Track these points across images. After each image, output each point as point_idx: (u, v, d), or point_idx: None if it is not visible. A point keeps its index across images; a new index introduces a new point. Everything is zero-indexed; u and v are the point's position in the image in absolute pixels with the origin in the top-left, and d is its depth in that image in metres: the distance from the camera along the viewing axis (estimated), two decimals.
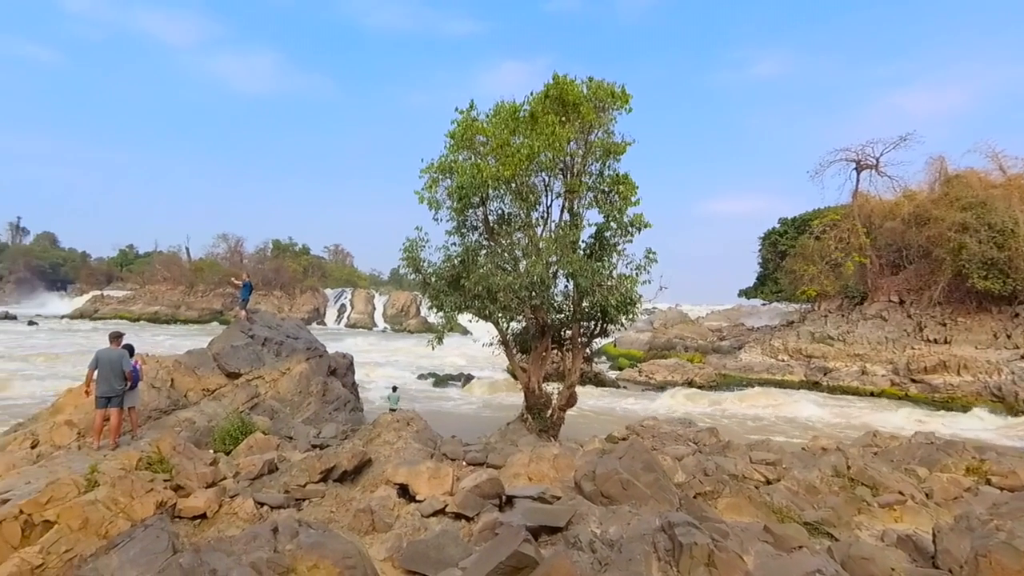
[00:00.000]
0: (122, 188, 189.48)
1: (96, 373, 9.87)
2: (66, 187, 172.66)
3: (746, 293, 54.02)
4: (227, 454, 9.75)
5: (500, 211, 15.15)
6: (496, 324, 14.97)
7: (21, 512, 6.75)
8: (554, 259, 13.98)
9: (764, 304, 52.28)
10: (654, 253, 14.49)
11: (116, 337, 10.50)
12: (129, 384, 10.12)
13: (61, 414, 12.57)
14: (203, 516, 6.63)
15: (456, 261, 14.52)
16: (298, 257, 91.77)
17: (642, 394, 28.79)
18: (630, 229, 14.37)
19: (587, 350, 16.12)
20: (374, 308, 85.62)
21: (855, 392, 28.96)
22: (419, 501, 6.72)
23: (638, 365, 35.37)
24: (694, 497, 7.32)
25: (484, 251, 15.06)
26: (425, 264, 14.75)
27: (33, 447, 11.24)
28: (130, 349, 10.44)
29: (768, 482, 8.97)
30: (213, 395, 13.70)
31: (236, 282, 17.70)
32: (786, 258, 42.53)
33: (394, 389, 18.38)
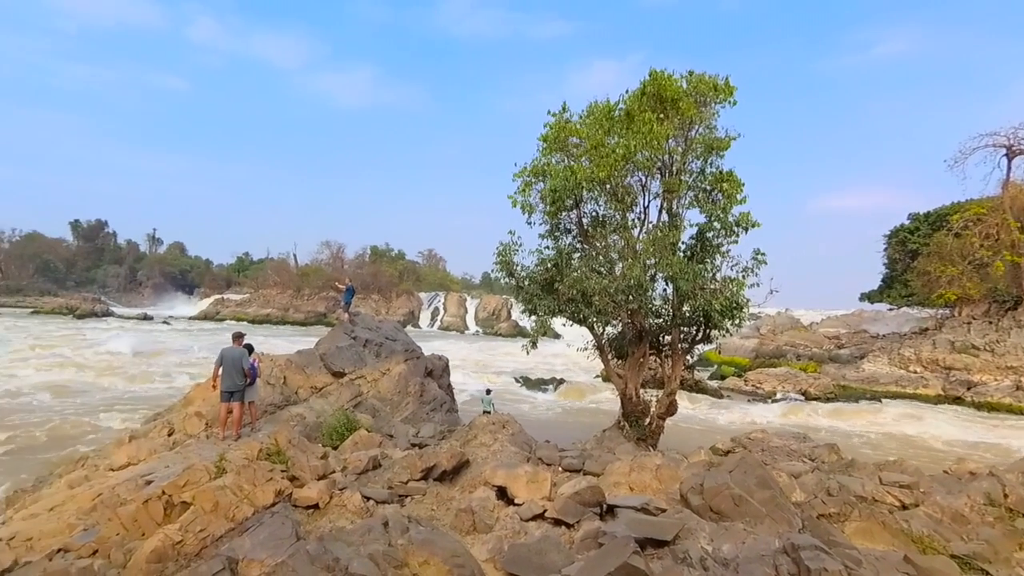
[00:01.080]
0: (239, 200, 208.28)
1: (220, 370, 10.93)
2: (192, 201, 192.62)
3: (869, 297, 49.80)
4: (334, 449, 10.42)
5: (595, 213, 15.04)
6: (591, 328, 14.86)
7: (164, 493, 7.62)
8: (652, 262, 13.66)
9: (891, 309, 47.86)
10: (763, 254, 13.77)
11: (238, 337, 11.56)
12: (249, 380, 11.12)
13: (191, 406, 14.01)
14: (315, 506, 7.13)
15: (549, 265, 14.57)
16: (394, 262, 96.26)
17: (748, 404, 27.37)
18: (735, 229, 13.75)
19: (688, 356, 15.59)
20: (466, 311, 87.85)
21: (1008, 409, 25.78)
22: (517, 504, 6.82)
23: (743, 374, 33.67)
24: (817, 518, 6.86)
25: (578, 254, 15.00)
26: (518, 268, 14.93)
27: (169, 435, 12.63)
28: (249, 348, 11.46)
29: (904, 507, 8.21)
30: (320, 393, 14.69)
31: (340, 286, 18.84)
32: (918, 258, 38.69)
33: (488, 392, 18.74)
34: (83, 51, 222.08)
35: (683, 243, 14.39)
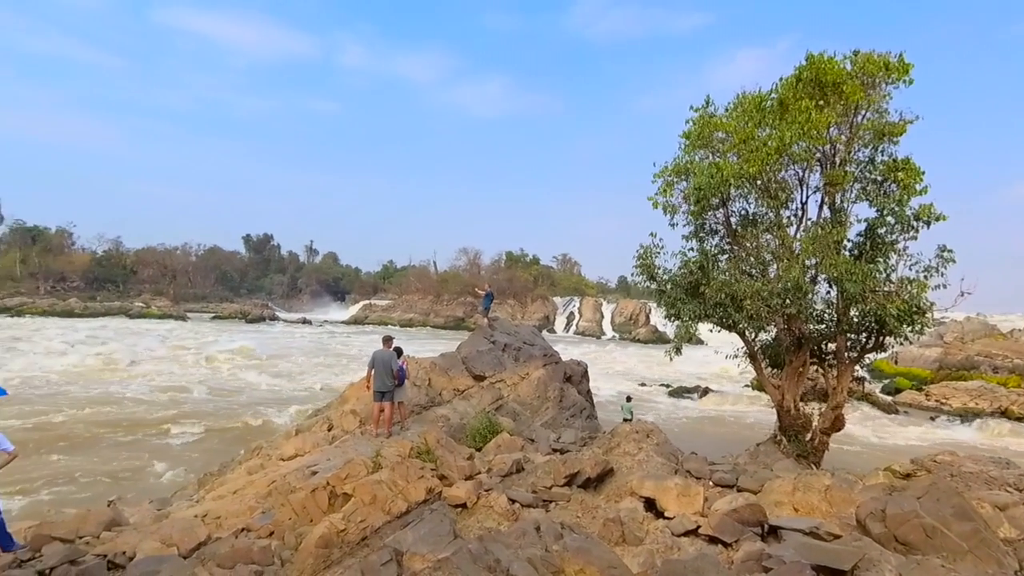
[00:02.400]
0: (384, 211, 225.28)
1: (373, 372, 11.84)
2: (343, 213, 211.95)
3: None
4: (478, 450, 10.83)
5: (744, 212, 14.19)
6: (741, 335, 13.99)
7: (328, 484, 8.42)
8: (812, 262, 12.56)
9: None
10: (950, 251, 12.08)
11: (387, 340, 12.44)
12: (398, 382, 11.93)
13: (347, 404, 15.33)
14: (463, 505, 7.45)
15: (694, 267, 13.96)
16: (529, 267, 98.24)
17: (932, 422, 24.13)
18: (914, 223, 12.20)
19: (856, 367, 14.10)
20: (602, 316, 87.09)
21: None
22: (668, 518, 6.60)
23: (924, 387, 29.75)
24: None
25: (726, 256, 14.24)
26: (660, 271, 14.48)
27: (329, 430, 13.92)
28: (399, 351, 12.29)
29: None
30: (463, 395, 15.35)
31: (479, 291, 19.58)
32: None
33: (628, 399, 18.44)
34: (251, 84, 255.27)
35: (849, 241, 13.09)
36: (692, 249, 14.31)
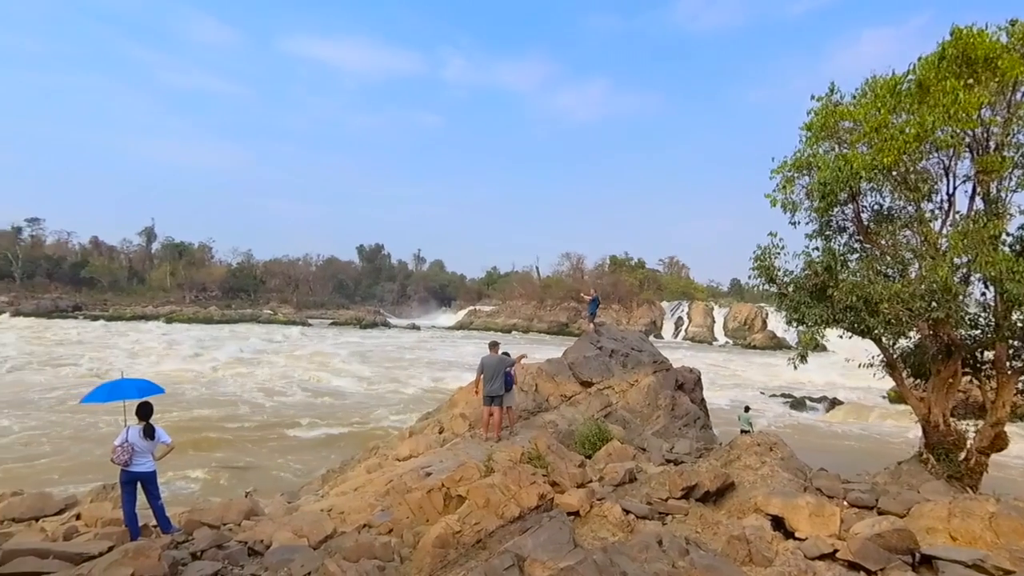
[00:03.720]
0: (487, 218, 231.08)
1: (482, 376, 12.12)
2: (448, 221, 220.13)
3: None
4: (588, 458, 10.73)
5: (877, 206, 12.99)
6: (877, 342, 12.80)
7: (443, 485, 8.70)
8: (963, 260, 11.25)
9: None
10: None
11: (494, 345, 12.69)
12: (506, 387, 12.14)
13: (456, 408, 15.79)
14: (576, 513, 7.40)
15: (819, 268, 12.96)
16: (634, 271, 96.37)
17: None
18: None
19: (1021, 378, 12.44)
20: (713, 321, 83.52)
21: None
22: (799, 539, 6.16)
23: None
24: None
25: (856, 255, 13.11)
26: (780, 273, 13.60)
27: (440, 432, 14.41)
28: (507, 356, 12.50)
29: None
30: (570, 401, 15.31)
31: (585, 297, 19.48)
32: None
33: (746, 409, 17.54)
34: (362, 103, 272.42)
35: (1008, 235, 11.59)
36: (816, 249, 13.30)
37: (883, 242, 12.63)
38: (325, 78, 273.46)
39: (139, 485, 7.71)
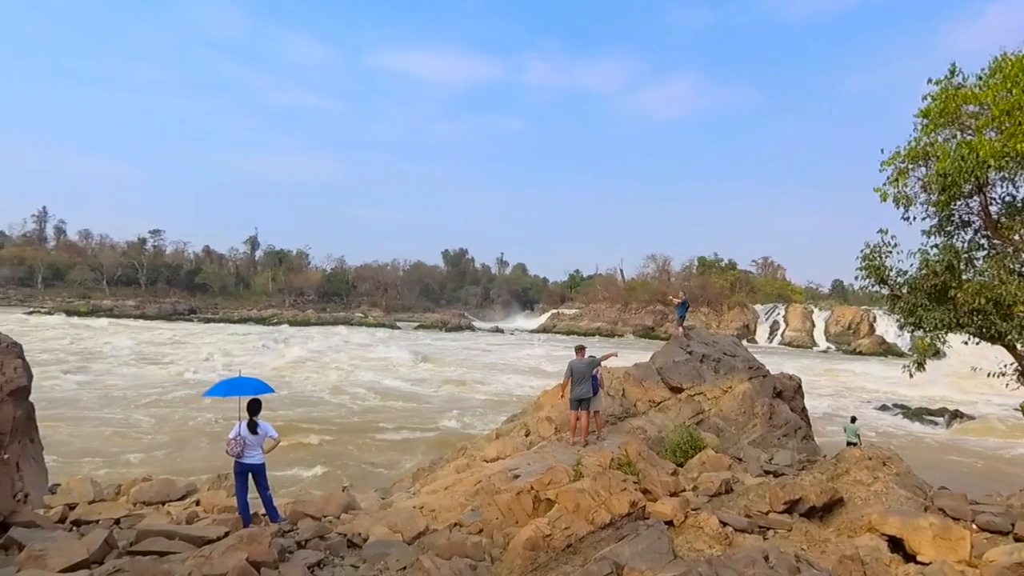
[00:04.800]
0: (569, 221, 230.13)
1: (570, 380, 12.07)
2: (530, 225, 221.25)
3: None
4: (679, 466, 10.43)
5: (1008, 198, 11.78)
6: (1010, 348, 11.60)
7: (532, 488, 8.76)
8: None
9: None
10: None
11: (581, 349, 12.61)
12: (593, 391, 12.02)
13: (542, 411, 15.81)
14: (669, 523, 7.21)
15: (939, 268, 11.91)
16: (724, 273, 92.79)
17: None
18: None
19: None
20: (813, 325, 78.85)
21: None
22: (921, 563, 5.67)
23: None
24: None
25: (984, 252, 11.94)
26: (892, 273, 12.63)
27: (526, 435, 14.48)
28: (594, 360, 12.38)
29: None
30: (659, 407, 14.94)
31: (674, 300, 18.96)
32: None
33: (853, 420, 16.41)
34: (445, 111, 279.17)
35: None
36: (935, 246, 12.24)
37: (1016, 237, 11.45)
38: (411, 89, 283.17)
39: (250, 476, 8.29)
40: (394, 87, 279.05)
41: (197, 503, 9.97)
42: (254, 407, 8.35)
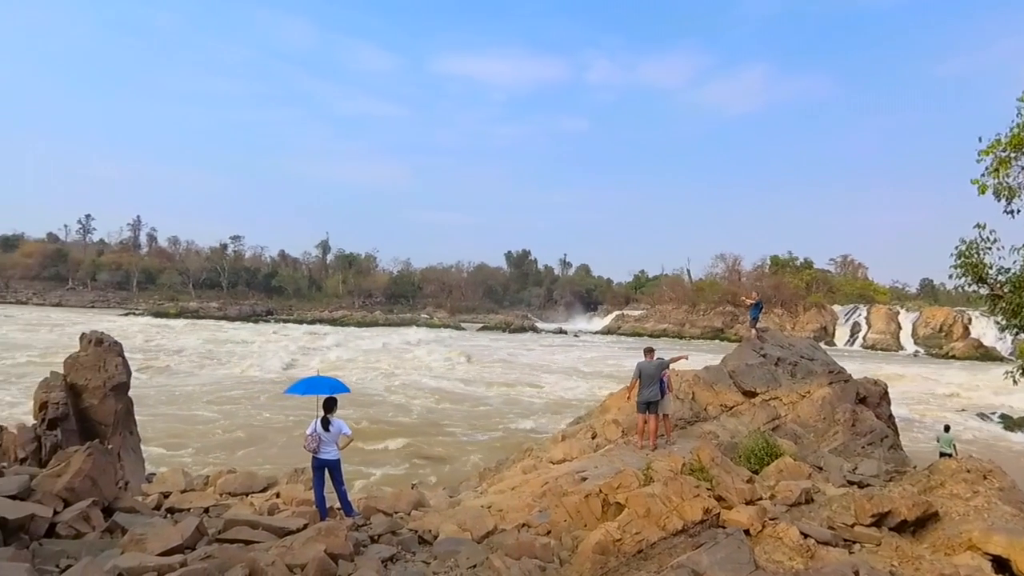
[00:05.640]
0: (634, 221, 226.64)
1: (638, 382, 11.86)
2: (594, 226, 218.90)
3: None
4: (755, 473, 10.04)
5: None
6: None
7: (600, 492, 8.67)
8: None
9: None
10: None
11: (649, 351, 12.36)
12: (661, 394, 11.76)
13: (608, 413, 15.62)
14: (746, 532, 6.95)
15: None
16: (799, 272, 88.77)
17: None
18: None
19: None
20: (899, 327, 74.18)
21: None
22: None
23: None
24: None
25: None
26: (993, 271, 11.70)
27: (592, 438, 14.35)
28: (662, 362, 12.12)
29: None
30: (731, 411, 14.46)
31: (747, 301, 18.32)
32: None
33: (946, 429, 15.34)
34: (508, 114, 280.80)
35: None
36: None
37: None
38: (474, 93, 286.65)
39: (326, 471, 8.62)
40: (457, 91, 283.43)
41: (277, 495, 10.47)
42: (329, 405, 8.67)
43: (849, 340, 75.43)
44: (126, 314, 79.99)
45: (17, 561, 4.52)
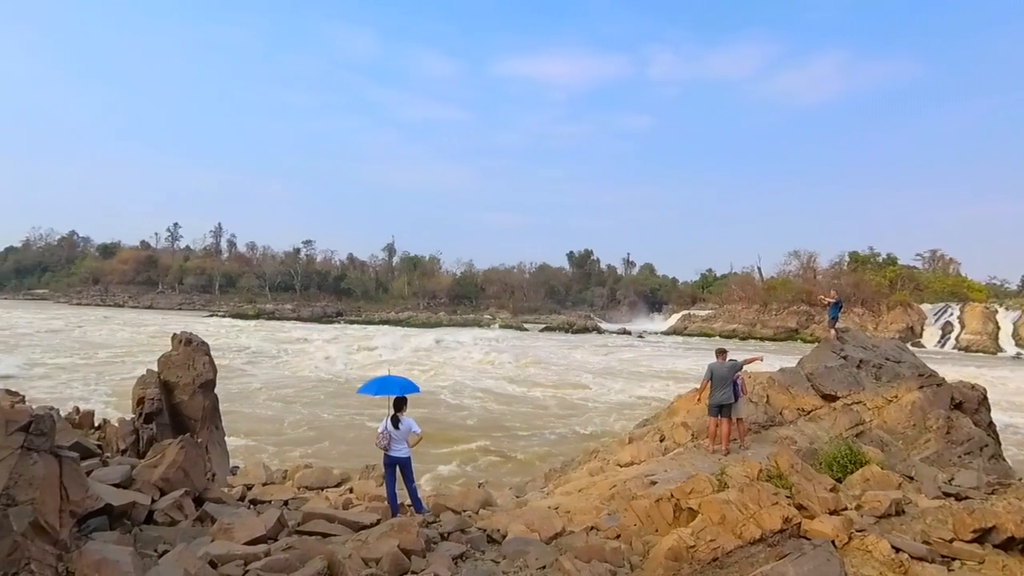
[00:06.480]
0: (700, 218, 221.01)
1: (709, 384, 11.54)
2: (658, 224, 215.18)
3: None
4: (837, 481, 9.53)
5: None
6: None
7: (672, 496, 8.46)
8: None
9: None
10: None
11: (721, 352, 12.01)
12: (734, 396, 11.40)
13: (676, 416, 15.26)
14: (831, 544, 6.60)
15: None
16: (882, 268, 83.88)
17: None
18: None
19: None
20: (997, 327, 68.76)
21: None
22: None
23: None
24: None
25: None
26: None
27: (660, 440, 14.06)
28: (735, 364, 11.74)
29: None
30: (809, 416, 13.81)
31: (825, 300, 17.50)
32: None
33: None
34: (569, 114, 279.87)
35: None
36: None
37: None
38: (534, 94, 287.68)
39: (397, 468, 8.83)
40: (518, 93, 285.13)
41: (350, 491, 10.82)
42: (399, 404, 8.87)
43: (940, 341, 70.51)
44: (210, 315, 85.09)
45: (122, 544, 4.87)
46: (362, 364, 37.85)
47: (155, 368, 10.70)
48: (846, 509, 7.59)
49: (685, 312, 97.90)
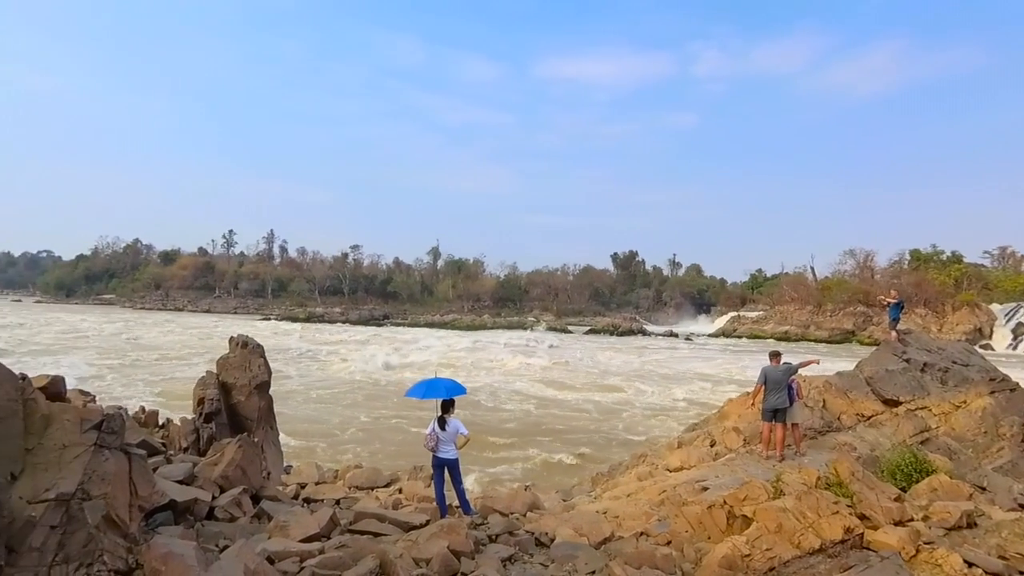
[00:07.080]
0: (749, 218, 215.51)
1: (763, 388, 11.19)
2: (705, 224, 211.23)
3: None
4: (902, 491, 9.11)
5: None
6: None
7: (725, 503, 8.26)
8: None
9: None
10: None
11: (775, 355, 11.62)
12: (789, 401, 11.02)
13: (727, 420, 14.89)
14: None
15: None
16: (946, 267, 79.86)
17: None
18: None
19: None
20: None
21: None
22: None
23: None
24: None
25: None
26: None
27: (711, 446, 13.73)
28: (790, 367, 11.35)
29: None
30: (869, 422, 13.26)
31: (886, 300, 16.75)
32: None
33: None
34: (612, 114, 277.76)
35: None
36: None
37: None
38: (577, 95, 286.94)
39: (446, 470, 8.90)
40: (560, 95, 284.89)
41: (400, 491, 10.97)
42: (446, 406, 8.94)
43: (1012, 343, 66.47)
44: (263, 319, 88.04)
45: (186, 539, 5.07)
46: (404, 366, 38.38)
47: (213, 370, 11.13)
48: (912, 520, 7.24)
49: (734, 313, 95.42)
